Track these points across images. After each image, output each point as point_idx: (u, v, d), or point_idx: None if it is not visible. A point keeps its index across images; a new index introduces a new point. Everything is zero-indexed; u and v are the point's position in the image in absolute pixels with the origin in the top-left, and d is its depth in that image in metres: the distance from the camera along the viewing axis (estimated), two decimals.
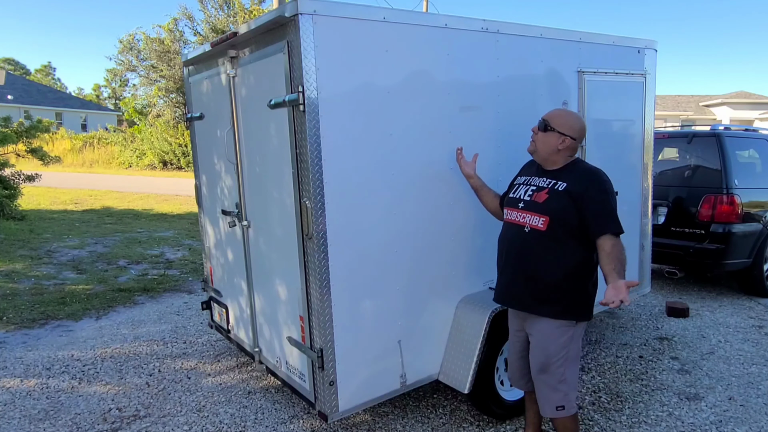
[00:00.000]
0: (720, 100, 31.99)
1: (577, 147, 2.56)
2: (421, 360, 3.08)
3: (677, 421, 3.28)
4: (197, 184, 4.13)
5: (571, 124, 2.52)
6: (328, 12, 2.53)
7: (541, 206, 2.50)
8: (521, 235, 2.56)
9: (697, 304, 5.48)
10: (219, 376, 3.96)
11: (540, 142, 2.58)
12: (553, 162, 2.57)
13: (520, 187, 2.68)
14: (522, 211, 2.58)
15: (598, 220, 2.39)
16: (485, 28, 3.16)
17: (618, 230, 2.39)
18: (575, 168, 2.54)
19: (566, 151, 2.54)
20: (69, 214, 11.74)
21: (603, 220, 2.39)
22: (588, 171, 2.51)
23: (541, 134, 2.56)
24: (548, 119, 2.56)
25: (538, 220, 2.49)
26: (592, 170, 2.51)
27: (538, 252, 2.49)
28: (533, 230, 2.51)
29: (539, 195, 2.53)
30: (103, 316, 5.34)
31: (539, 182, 2.58)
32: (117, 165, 25.85)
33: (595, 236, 2.39)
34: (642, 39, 4.18)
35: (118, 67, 27.78)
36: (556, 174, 2.55)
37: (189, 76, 3.94)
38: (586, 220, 2.40)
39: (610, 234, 2.37)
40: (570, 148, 2.54)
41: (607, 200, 2.42)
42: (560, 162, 2.56)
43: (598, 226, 2.39)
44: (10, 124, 10.72)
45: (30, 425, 3.33)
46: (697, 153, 5.75)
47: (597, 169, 2.52)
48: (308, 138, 2.54)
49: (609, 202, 2.42)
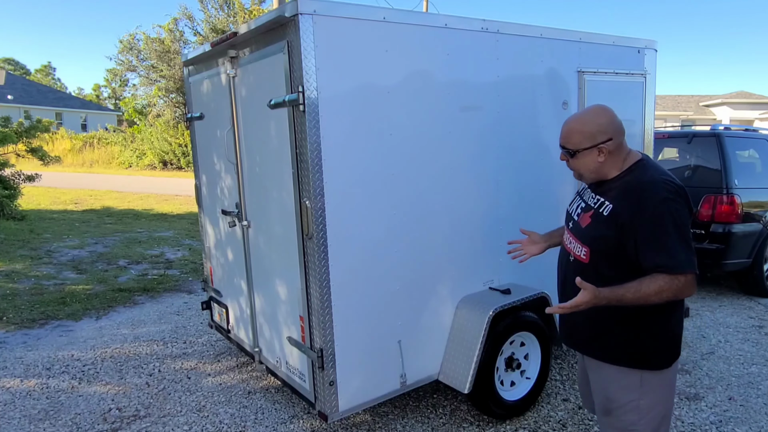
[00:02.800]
0: (720, 100, 31.99)
1: (622, 142, 1.97)
2: (421, 360, 3.08)
3: (677, 421, 3.28)
4: (197, 184, 4.13)
5: (596, 129, 1.93)
6: (328, 12, 2.53)
7: (584, 232, 1.98)
8: (567, 263, 2.08)
9: (697, 304, 5.47)
10: (219, 376, 3.96)
11: (578, 167, 2.03)
12: (605, 175, 1.99)
13: (576, 200, 2.17)
14: (570, 233, 2.09)
15: (648, 252, 1.79)
16: (485, 28, 3.16)
17: (677, 266, 1.75)
18: (629, 179, 1.92)
19: (612, 157, 1.95)
20: (69, 214, 11.74)
21: (654, 253, 1.78)
22: (641, 185, 1.86)
23: (573, 161, 2.02)
24: (567, 143, 2.01)
25: (581, 250, 1.98)
26: (646, 183, 1.85)
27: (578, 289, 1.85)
28: (576, 260, 2.02)
29: (584, 217, 2.01)
30: (103, 316, 5.34)
31: (589, 198, 2.06)
32: (117, 165, 25.85)
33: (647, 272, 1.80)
34: (642, 39, 4.18)
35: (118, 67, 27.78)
36: (607, 187, 1.98)
37: (189, 76, 3.94)
38: (637, 253, 1.82)
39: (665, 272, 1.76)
40: (615, 152, 1.94)
41: (664, 224, 1.77)
42: (613, 172, 1.97)
43: (647, 260, 1.80)
44: (10, 124, 10.72)
45: (30, 425, 3.33)
46: (697, 153, 5.76)
47: (656, 180, 1.85)
48: (308, 138, 2.54)
49: (665, 226, 1.77)
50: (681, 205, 1.81)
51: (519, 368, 3.35)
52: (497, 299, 3.18)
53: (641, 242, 1.80)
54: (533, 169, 3.55)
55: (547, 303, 3.42)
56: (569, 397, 3.57)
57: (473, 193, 3.23)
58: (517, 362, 3.34)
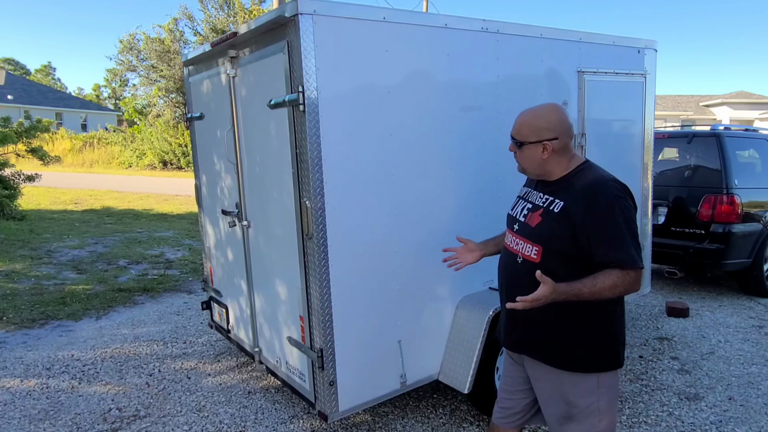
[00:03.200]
0: (720, 100, 31.99)
1: (569, 143, 2.00)
2: (421, 360, 3.08)
3: (677, 421, 3.28)
4: (197, 184, 4.13)
5: (544, 124, 1.96)
6: (328, 12, 2.53)
7: (534, 231, 1.98)
8: (514, 265, 2.06)
9: (697, 304, 5.47)
10: (219, 376, 3.96)
11: (522, 160, 2.06)
12: (549, 173, 2.02)
13: (518, 203, 2.18)
14: (516, 235, 2.08)
15: (602, 249, 1.83)
16: (485, 28, 3.16)
17: (629, 262, 1.81)
18: (578, 179, 1.96)
19: (556, 157, 1.98)
20: (69, 214, 11.74)
21: (608, 250, 1.82)
22: (591, 183, 1.91)
23: (519, 153, 2.05)
24: (517, 135, 2.03)
25: (531, 250, 1.97)
26: (597, 181, 1.91)
27: (531, 290, 1.83)
28: (525, 261, 2.00)
29: (533, 216, 2.02)
30: (103, 316, 5.34)
31: (536, 198, 2.07)
32: (117, 165, 25.86)
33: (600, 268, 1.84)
34: (642, 39, 4.18)
35: (118, 67, 27.77)
36: (554, 187, 2.00)
37: (189, 76, 3.94)
38: (590, 250, 1.86)
39: (618, 267, 1.81)
40: (559, 152, 1.97)
41: (616, 222, 1.82)
42: (559, 171, 2.00)
43: (601, 256, 1.84)
44: (10, 124, 10.72)
45: (30, 425, 3.33)
46: (697, 153, 5.76)
47: (605, 179, 1.91)
48: (308, 138, 2.54)
49: (617, 224, 1.82)
50: (629, 203, 1.88)
51: None
52: (497, 299, 3.16)
53: (594, 238, 1.84)
54: None
55: None
56: None
57: (473, 193, 3.23)
58: None
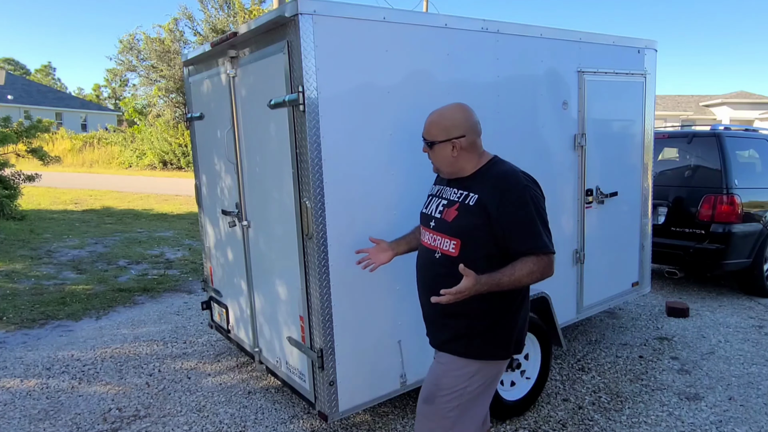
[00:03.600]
0: (720, 100, 31.99)
1: (477, 140, 2.08)
2: (422, 360, 3.08)
3: (677, 421, 3.28)
4: (197, 184, 4.13)
5: (450, 123, 2.04)
6: (328, 12, 2.53)
7: (451, 226, 2.03)
8: (432, 261, 2.11)
9: (697, 304, 5.47)
10: (219, 376, 3.96)
11: (435, 159, 2.14)
12: (462, 170, 2.09)
13: (432, 200, 2.23)
14: (433, 231, 2.12)
15: (517, 236, 1.92)
16: (485, 28, 3.16)
17: (543, 248, 1.91)
18: (489, 172, 2.05)
19: (466, 154, 2.06)
20: (69, 214, 11.74)
21: (522, 237, 1.92)
22: (502, 175, 2.01)
23: (432, 152, 2.12)
24: (427, 135, 2.11)
25: (449, 244, 2.03)
26: (507, 173, 2.01)
27: (451, 283, 1.91)
28: (444, 255, 2.05)
29: (449, 212, 2.07)
30: (103, 316, 5.34)
31: (450, 194, 2.12)
32: (117, 165, 25.86)
33: (516, 256, 1.93)
34: (642, 39, 4.18)
35: (118, 67, 27.78)
36: (467, 183, 2.07)
37: (189, 76, 3.94)
38: (505, 239, 1.94)
39: (533, 254, 1.90)
40: (468, 149, 2.05)
41: (528, 210, 1.92)
42: (469, 168, 2.08)
43: (517, 244, 1.92)
44: (10, 124, 10.72)
45: (30, 425, 3.33)
46: (697, 153, 5.76)
47: (515, 170, 2.02)
48: (308, 138, 2.54)
49: (529, 212, 1.92)
50: (538, 192, 2.00)
51: (519, 368, 3.35)
52: None
53: (508, 227, 1.93)
54: (533, 168, 3.52)
55: (547, 303, 3.42)
56: (569, 397, 3.57)
57: None
58: (517, 362, 3.34)
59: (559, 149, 3.69)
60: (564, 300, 3.85)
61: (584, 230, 3.92)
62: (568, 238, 3.84)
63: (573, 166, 3.79)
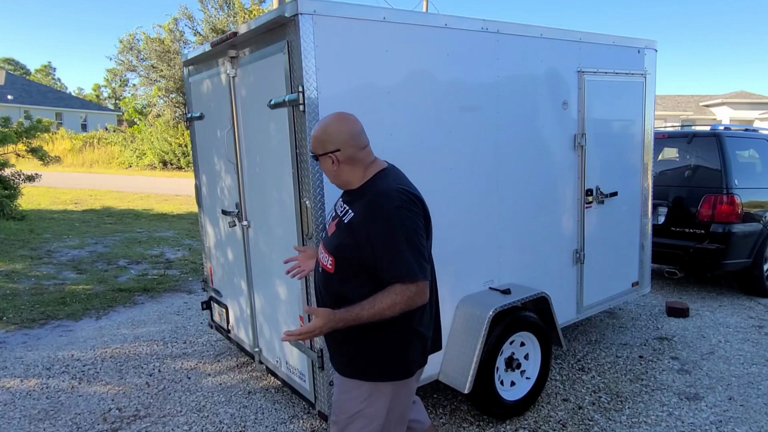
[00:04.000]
0: (720, 100, 31.98)
1: (356, 154, 1.91)
2: None
3: (677, 421, 3.28)
4: (197, 184, 4.13)
5: (325, 137, 1.91)
6: (328, 12, 2.53)
7: (329, 241, 1.96)
8: (317, 275, 2.05)
9: (697, 304, 5.47)
10: (219, 376, 3.96)
11: (324, 172, 2.01)
12: (348, 183, 1.97)
13: (332, 209, 2.14)
14: (322, 243, 2.04)
15: (383, 262, 1.79)
16: (485, 28, 3.16)
17: (408, 276, 1.76)
18: (370, 189, 1.91)
19: (347, 167, 1.92)
20: (69, 214, 11.74)
21: (389, 263, 1.78)
22: (377, 195, 1.85)
23: (320, 165, 2.01)
24: (311, 149, 1.99)
25: (327, 259, 1.94)
26: (381, 193, 1.84)
27: (326, 302, 1.92)
28: (324, 271, 1.97)
29: (331, 226, 2.00)
30: (103, 316, 5.34)
31: (338, 207, 2.02)
32: (117, 165, 25.86)
33: (385, 283, 1.80)
34: (642, 39, 4.18)
35: (118, 67, 27.80)
36: (353, 197, 1.95)
37: (189, 76, 3.94)
38: (375, 263, 1.82)
39: (399, 282, 1.77)
40: (348, 162, 1.92)
41: (395, 235, 1.77)
42: (355, 182, 1.95)
43: (382, 270, 1.80)
44: (10, 124, 10.72)
45: (30, 425, 3.33)
46: (697, 153, 5.75)
47: (389, 189, 1.85)
48: (308, 138, 2.54)
49: (397, 237, 1.77)
50: (414, 214, 1.82)
51: (519, 368, 3.35)
52: (497, 299, 3.18)
53: (376, 251, 1.80)
54: (533, 168, 3.55)
55: (547, 303, 3.42)
56: (569, 397, 3.57)
57: (473, 193, 3.23)
58: (517, 362, 3.34)
59: (559, 149, 3.69)
60: (564, 300, 3.86)
61: (584, 230, 3.92)
62: (568, 238, 3.84)
63: (573, 166, 3.79)
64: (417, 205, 1.86)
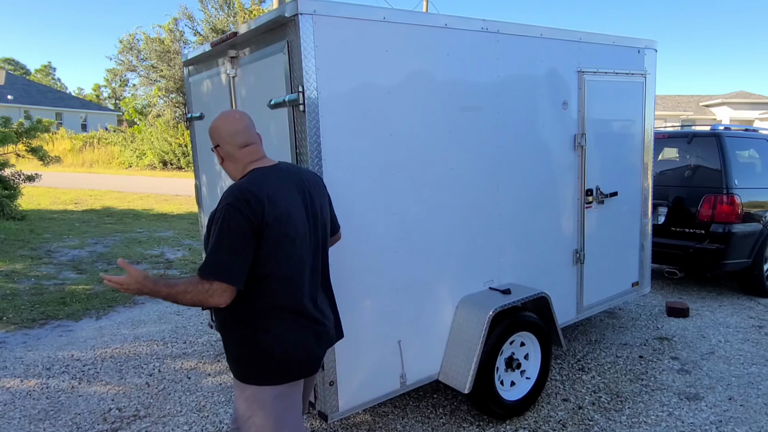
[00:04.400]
0: (720, 100, 31.99)
1: (234, 152, 1.98)
2: (421, 360, 3.08)
3: (677, 421, 3.28)
4: (197, 184, 4.13)
5: (211, 133, 2.02)
6: (328, 12, 2.53)
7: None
8: None
9: (697, 304, 5.48)
10: (219, 376, 3.96)
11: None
12: (233, 177, 2.05)
13: None
14: None
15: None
16: (485, 28, 3.16)
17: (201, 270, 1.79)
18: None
19: (229, 163, 2.02)
20: (69, 214, 11.74)
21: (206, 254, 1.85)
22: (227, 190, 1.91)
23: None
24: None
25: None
26: (229, 189, 1.90)
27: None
28: None
29: None
30: (103, 316, 5.34)
31: None
32: (117, 165, 25.86)
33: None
34: (642, 39, 4.18)
35: (118, 67, 27.81)
36: None
37: (189, 76, 3.94)
38: None
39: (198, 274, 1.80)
40: (228, 158, 2.01)
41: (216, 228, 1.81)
42: (236, 176, 2.03)
43: None
44: (10, 124, 10.72)
45: (30, 425, 3.33)
46: (697, 153, 5.76)
47: (235, 187, 1.88)
48: (308, 138, 2.54)
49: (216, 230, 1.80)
50: (239, 213, 1.79)
51: (519, 368, 3.35)
52: (497, 299, 3.18)
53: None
54: (533, 168, 3.55)
55: (548, 303, 3.42)
56: (569, 397, 3.57)
57: (473, 193, 3.23)
58: (517, 362, 3.34)
59: (559, 149, 3.69)
60: (564, 300, 3.86)
61: (584, 230, 3.93)
62: (567, 238, 3.84)
63: (573, 166, 3.79)
64: (251, 205, 1.81)
